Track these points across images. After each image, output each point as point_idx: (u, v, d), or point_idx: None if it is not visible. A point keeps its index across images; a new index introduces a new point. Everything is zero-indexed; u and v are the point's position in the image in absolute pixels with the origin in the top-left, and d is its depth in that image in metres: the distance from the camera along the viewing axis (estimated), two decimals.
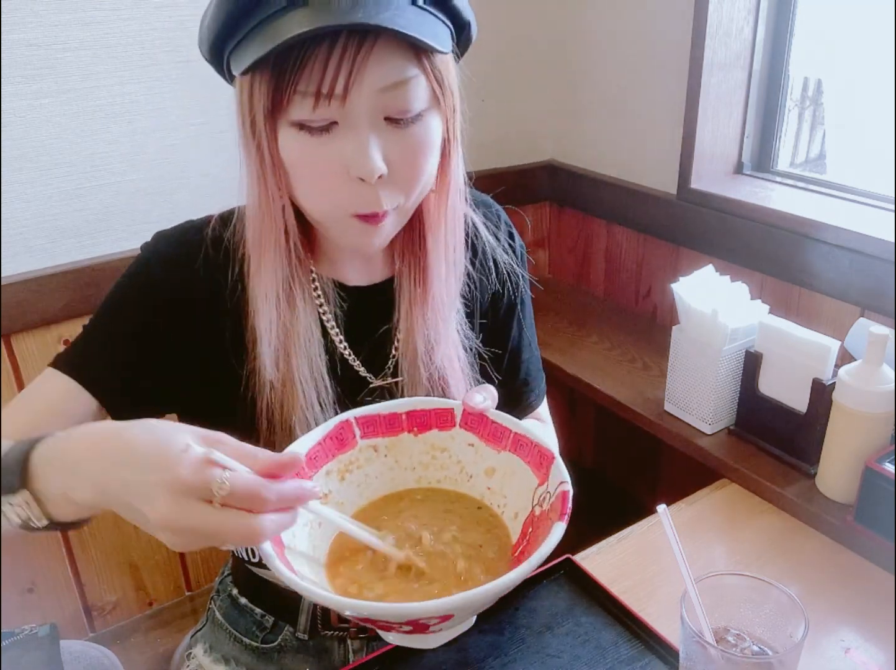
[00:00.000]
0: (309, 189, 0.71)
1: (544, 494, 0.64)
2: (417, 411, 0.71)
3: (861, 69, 1.51)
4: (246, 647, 0.98)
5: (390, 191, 0.70)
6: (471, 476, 0.71)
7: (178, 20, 1.33)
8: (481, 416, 0.70)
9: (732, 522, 1.13)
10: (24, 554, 1.45)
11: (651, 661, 0.82)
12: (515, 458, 0.68)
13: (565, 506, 0.60)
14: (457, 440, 0.72)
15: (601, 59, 1.73)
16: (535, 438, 0.67)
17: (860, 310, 1.32)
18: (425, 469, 0.72)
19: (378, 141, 0.67)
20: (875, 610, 0.95)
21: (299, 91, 0.64)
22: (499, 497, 0.70)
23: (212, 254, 0.78)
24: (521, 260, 0.96)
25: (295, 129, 0.67)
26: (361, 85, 0.64)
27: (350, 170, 0.67)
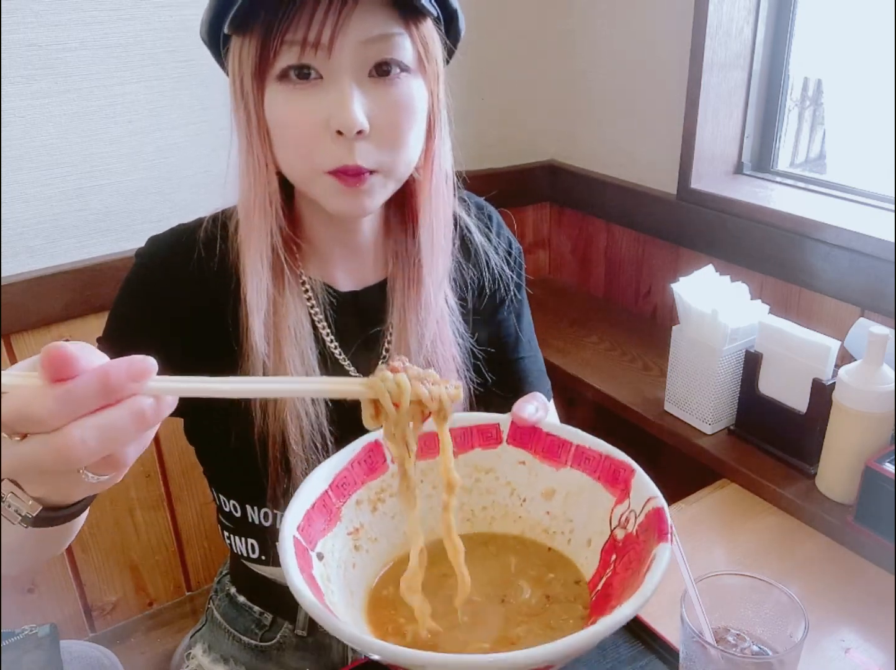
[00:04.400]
0: (289, 147, 0.71)
1: (626, 514, 0.55)
2: (457, 428, 0.62)
3: (861, 69, 1.50)
4: (245, 646, 0.98)
5: (371, 150, 0.70)
6: (524, 499, 0.63)
7: (178, 20, 1.33)
8: (534, 429, 0.62)
9: (732, 522, 1.12)
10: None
11: (651, 661, 0.82)
12: (580, 475, 0.60)
13: (663, 523, 0.51)
14: (504, 458, 0.63)
15: (601, 59, 1.73)
16: (605, 449, 0.59)
17: (860, 310, 1.32)
18: (468, 495, 0.63)
19: (361, 97, 0.68)
20: (875, 610, 0.95)
21: (286, 41, 0.66)
22: (562, 522, 0.61)
23: (204, 256, 0.79)
24: (516, 263, 0.95)
25: (280, 83, 0.68)
26: (346, 35, 0.66)
27: (330, 122, 0.68)
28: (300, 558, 0.52)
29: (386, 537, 0.61)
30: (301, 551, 0.53)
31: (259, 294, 0.75)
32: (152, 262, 0.80)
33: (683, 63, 1.52)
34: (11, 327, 1.31)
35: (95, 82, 1.30)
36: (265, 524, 0.88)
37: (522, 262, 0.97)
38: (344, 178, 0.70)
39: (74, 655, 1.12)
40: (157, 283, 0.80)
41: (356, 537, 0.60)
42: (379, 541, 0.61)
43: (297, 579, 0.49)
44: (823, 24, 1.51)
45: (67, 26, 1.24)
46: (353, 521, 0.60)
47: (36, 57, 1.24)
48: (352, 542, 0.59)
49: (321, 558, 0.55)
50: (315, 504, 0.57)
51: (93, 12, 1.26)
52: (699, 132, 1.54)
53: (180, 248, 0.79)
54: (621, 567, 0.54)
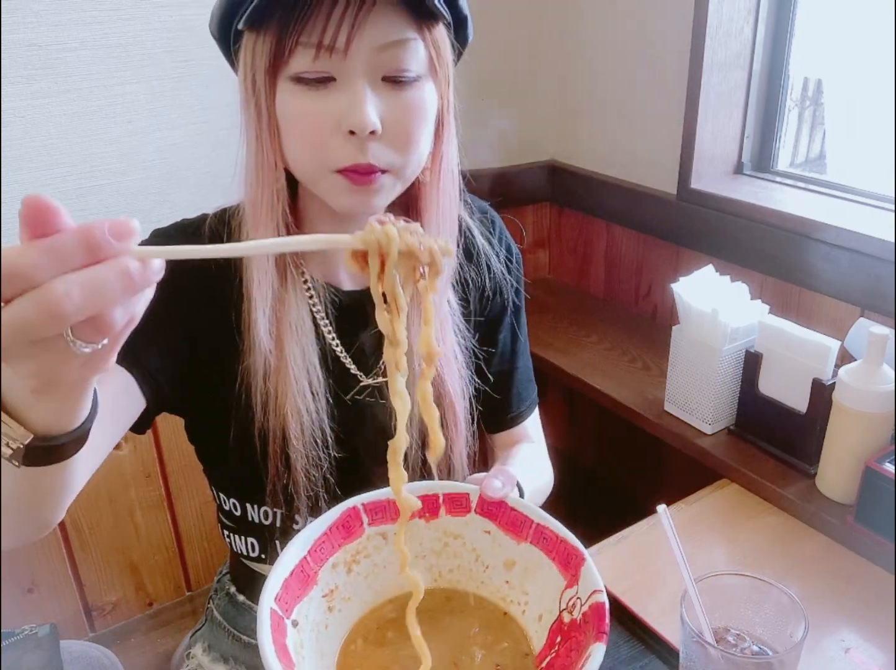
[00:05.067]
0: (300, 145, 0.71)
1: (573, 600, 0.58)
2: (430, 495, 0.66)
3: (861, 69, 1.51)
4: (245, 645, 0.98)
5: (383, 150, 0.70)
6: (487, 566, 0.66)
7: (178, 20, 1.33)
8: (500, 503, 0.66)
9: (732, 522, 1.12)
10: (25, 554, 1.45)
11: (651, 661, 0.82)
12: (538, 552, 0.63)
13: (602, 624, 0.54)
14: (472, 526, 0.67)
15: (601, 59, 1.73)
16: (561, 532, 0.62)
17: (860, 310, 1.32)
18: (437, 557, 0.67)
19: (374, 99, 0.68)
20: (875, 610, 0.95)
21: (301, 42, 0.66)
22: (519, 593, 0.64)
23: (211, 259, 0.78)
24: (516, 267, 0.96)
25: (293, 83, 0.68)
26: (361, 40, 0.66)
27: (343, 122, 0.68)
28: (275, 630, 0.54)
29: (358, 596, 0.65)
30: (276, 621, 0.55)
31: (263, 289, 0.76)
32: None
33: (683, 63, 1.52)
34: None
35: (95, 82, 1.30)
36: (265, 522, 0.88)
37: (521, 268, 0.97)
38: (354, 177, 0.70)
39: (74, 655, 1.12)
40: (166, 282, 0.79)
41: (330, 599, 0.63)
42: (351, 600, 0.64)
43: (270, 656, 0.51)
44: (823, 24, 1.51)
45: (67, 26, 1.25)
46: (328, 583, 0.63)
47: (36, 57, 1.24)
48: (326, 604, 0.62)
49: (296, 625, 0.58)
50: (293, 571, 0.60)
51: (93, 12, 1.26)
52: (699, 132, 1.54)
53: (182, 237, 0.80)
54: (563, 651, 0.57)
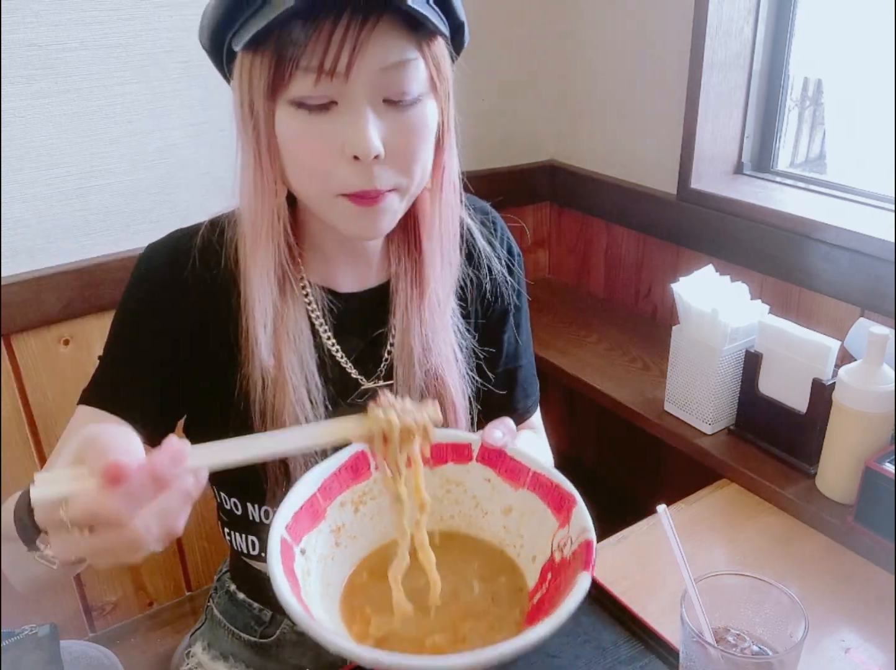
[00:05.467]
0: (303, 170, 0.71)
1: (565, 539, 0.61)
2: (433, 444, 0.67)
3: (861, 69, 1.51)
4: (245, 643, 0.98)
5: (387, 172, 0.70)
6: (486, 513, 0.69)
7: (178, 20, 1.33)
8: (500, 452, 0.68)
9: (732, 522, 1.13)
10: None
11: (651, 661, 0.82)
12: (534, 498, 0.66)
13: (589, 555, 0.57)
14: (473, 474, 0.69)
15: (601, 59, 1.73)
16: (556, 478, 0.65)
17: (860, 310, 1.32)
18: (439, 503, 0.70)
19: (376, 122, 0.67)
20: (875, 610, 0.95)
21: (301, 66, 0.64)
22: (515, 537, 0.67)
23: (202, 263, 0.78)
24: (518, 267, 0.96)
25: (293, 107, 0.67)
26: (363, 63, 0.65)
27: (346, 148, 0.67)
28: (284, 555, 0.57)
29: (364, 535, 0.68)
30: (286, 548, 0.58)
31: (264, 306, 0.75)
32: (151, 276, 0.80)
33: (683, 63, 1.52)
34: (11, 327, 1.31)
35: (95, 82, 1.30)
36: (265, 521, 0.88)
37: (523, 268, 0.97)
38: (360, 201, 0.70)
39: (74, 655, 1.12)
40: (157, 297, 0.80)
41: (337, 534, 0.66)
42: (357, 539, 0.67)
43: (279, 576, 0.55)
44: (823, 24, 1.51)
45: (67, 26, 1.24)
46: (336, 520, 0.66)
47: (36, 57, 1.24)
48: (333, 539, 0.65)
49: (304, 553, 0.61)
50: (303, 505, 0.63)
51: (93, 12, 1.26)
52: (699, 132, 1.54)
53: (178, 256, 0.79)
54: (553, 587, 0.60)
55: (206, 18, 0.71)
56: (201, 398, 0.81)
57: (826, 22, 1.51)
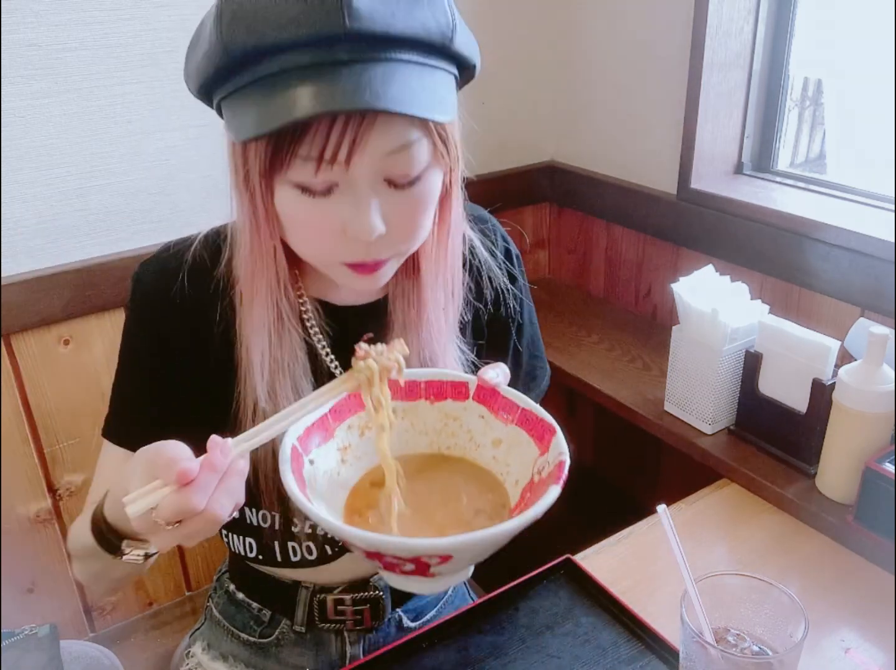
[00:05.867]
0: (303, 241, 0.71)
1: (543, 464, 0.67)
2: (435, 381, 0.75)
3: (861, 69, 1.51)
4: (244, 643, 0.98)
5: (386, 245, 0.69)
6: (479, 445, 0.75)
7: (178, 20, 1.33)
8: (493, 391, 0.74)
9: (732, 522, 1.13)
10: (25, 554, 1.45)
11: (651, 661, 0.82)
12: (521, 432, 0.72)
13: (561, 472, 0.63)
14: (469, 411, 0.75)
15: (601, 59, 1.73)
16: (541, 413, 0.71)
17: (860, 310, 1.32)
18: (438, 435, 0.76)
19: (377, 202, 0.66)
20: (875, 610, 0.95)
21: (300, 155, 0.62)
22: (503, 465, 0.73)
23: (188, 284, 0.79)
24: (519, 271, 0.96)
25: (294, 189, 0.65)
26: (364, 151, 0.62)
27: (348, 230, 0.66)
28: (294, 460, 0.65)
29: (368, 457, 0.74)
30: (296, 455, 0.66)
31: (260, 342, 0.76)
32: (141, 296, 0.81)
33: (683, 63, 1.52)
34: (11, 327, 1.31)
35: (95, 82, 1.30)
36: (263, 525, 0.88)
37: (523, 268, 0.97)
38: (360, 269, 0.71)
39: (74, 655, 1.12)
40: (151, 323, 0.81)
41: (344, 453, 0.73)
42: (362, 460, 0.74)
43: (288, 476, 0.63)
44: (823, 24, 1.51)
45: (67, 26, 1.24)
46: (343, 440, 0.73)
47: (36, 57, 1.24)
48: (340, 456, 0.72)
49: (312, 463, 0.69)
50: (315, 423, 0.70)
51: (93, 12, 1.26)
52: (699, 132, 1.54)
53: (168, 276, 0.79)
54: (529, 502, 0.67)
55: (190, 69, 0.68)
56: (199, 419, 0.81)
57: (826, 22, 1.51)
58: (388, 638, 0.96)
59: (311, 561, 0.90)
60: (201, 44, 0.65)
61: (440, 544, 0.56)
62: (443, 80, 0.66)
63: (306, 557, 0.90)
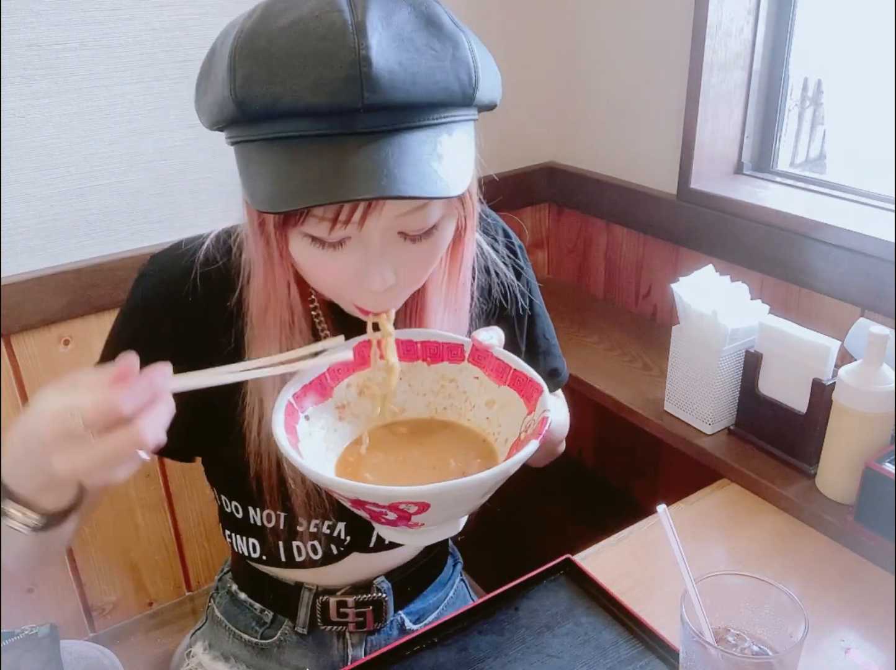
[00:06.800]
0: (317, 284, 0.72)
1: (530, 422, 0.69)
2: (431, 342, 0.77)
3: (861, 69, 1.51)
4: (245, 644, 0.98)
5: (397, 293, 0.70)
6: (474, 406, 0.77)
7: (177, 19, 1.33)
8: (487, 353, 0.76)
9: (732, 522, 1.13)
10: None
11: (651, 661, 0.82)
12: (513, 392, 0.74)
13: (542, 428, 0.65)
14: (464, 373, 0.77)
15: (601, 59, 1.73)
16: (531, 374, 0.72)
17: (860, 310, 1.32)
18: (435, 396, 0.78)
19: (390, 254, 0.66)
20: (875, 610, 0.95)
21: (315, 215, 0.62)
22: (495, 426, 0.75)
23: (204, 286, 0.78)
24: (524, 262, 0.95)
25: (307, 239, 0.65)
26: (379, 215, 0.62)
27: (361, 282, 0.67)
28: (288, 415, 0.67)
29: (365, 415, 0.76)
30: (291, 410, 0.68)
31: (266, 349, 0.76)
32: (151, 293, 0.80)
33: (683, 63, 1.52)
34: (11, 327, 1.31)
35: (95, 82, 1.30)
36: (267, 525, 0.88)
37: (526, 258, 0.97)
38: (368, 312, 0.71)
39: (74, 655, 1.12)
40: (156, 318, 0.80)
41: (342, 411, 0.75)
42: (359, 418, 0.76)
43: (279, 428, 0.64)
44: (823, 24, 1.51)
45: (67, 26, 1.24)
46: (341, 399, 0.75)
47: (36, 57, 1.24)
48: (337, 414, 0.74)
49: (308, 419, 0.71)
50: (313, 381, 0.72)
51: (93, 12, 1.26)
52: (699, 132, 1.54)
53: (179, 274, 0.79)
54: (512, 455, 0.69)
55: (202, 105, 0.65)
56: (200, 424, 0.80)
57: (826, 22, 1.51)
58: (389, 640, 0.96)
59: (316, 562, 0.90)
60: (213, 87, 0.63)
61: (415, 491, 0.58)
62: (461, 135, 0.63)
63: (311, 557, 0.90)
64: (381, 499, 0.59)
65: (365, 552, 0.91)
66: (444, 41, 0.61)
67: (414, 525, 0.63)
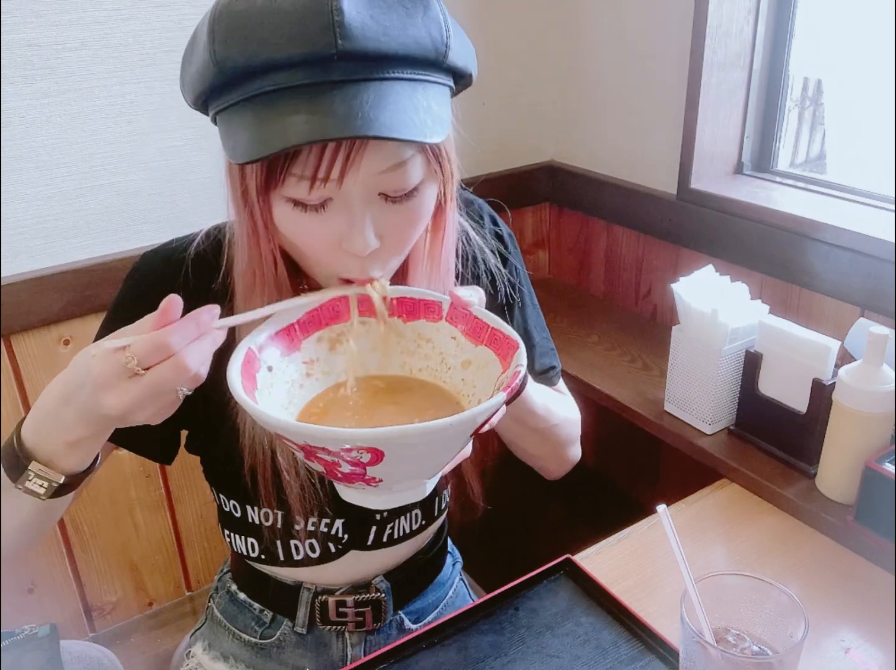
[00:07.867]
0: (300, 253, 0.72)
1: (503, 379, 0.67)
2: (407, 299, 0.75)
3: (861, 69, 1.51)
4: (245, 644, 0.98)
5: (380, 259, 0.70)
6: (450, 367, 0.75)
7: (177, 20, 1.33)
8: (465, 311, 0.73)
9: (732, 522, 1.13)
10: (25, 555, 1.45)
11: (651, 661, 0.82)
12: (489, 352, 0.72)
13: (513, 381, 0.63)
14: (441, 332, 0.75)
15: (601, 59, 1.73)
16: (508, 332, 0.70)
17: (860, 310, 1.32)
18: (410, 356, 0.76)
19: (371, 216, 0.66)
20: (875, 610, 0.95)
21: (294, 173, 0.63)
22: (470, 387, 0.73)
23: (196, 279, 0.79)
24: (512, 248, 0.94)
25: (289, 204, 0.66)
26: (358, 170, 0.63)
27: (343, 244, 0.67)
28: (247, 362, 0.65)
29: (335, 373, 0.73)
30: (250, 357, 0.66)
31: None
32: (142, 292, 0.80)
33: (683, 63, 1.52)
34: (11, 327, 1.31)
35: (95, 82, 1.30)
36: (266, 524, 0.88)
37: (516, 246, 0.96)
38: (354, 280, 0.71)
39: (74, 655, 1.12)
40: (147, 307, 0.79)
41: (310, 366, 0.72)
42: (329, 375, 0.73)
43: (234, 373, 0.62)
44: (823, 24, 1.51)
45: (67, 26, 1.24)
46: (311, 353, 0.72)
47: (36, 57, 1.24)
48: (305, 370, 0.72)
49: (270, 370, 0.68)
50: (280, 332, 0.70)
51: (93, 12, 1.26)
52: (699, 132, 1.54)
53: (170, 270, 0.79)
54: None
55: (186, 81, 0.68)
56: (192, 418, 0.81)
57: (826, 22, 1.51)
58: (389, 640, 0.96)
59: (314, 560, 0.90)
60: (195, 58, 0.65)
61: (366, 434, 0.56)
62: (437, 95, 0.65)
63: (309, 555, 0.90)
64: (331, 444, 0.56)
65: (363, 550, 0.92)
66: (416, 1, 0.63)
67: (371, 480, 0.60)
